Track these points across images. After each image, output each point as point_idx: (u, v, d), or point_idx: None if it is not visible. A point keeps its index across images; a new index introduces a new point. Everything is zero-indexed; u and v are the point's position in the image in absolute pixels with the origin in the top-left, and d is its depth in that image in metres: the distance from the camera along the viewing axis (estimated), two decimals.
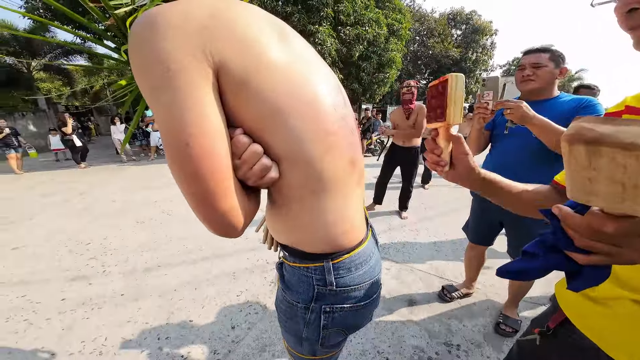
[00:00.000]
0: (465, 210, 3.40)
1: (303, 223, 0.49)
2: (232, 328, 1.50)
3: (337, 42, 8.03)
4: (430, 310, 1.67)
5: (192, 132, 0.33)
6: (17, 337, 1.33)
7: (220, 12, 0.36)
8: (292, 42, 0.44)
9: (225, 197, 0.38)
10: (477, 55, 15.69)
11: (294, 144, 0.42)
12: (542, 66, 1.15)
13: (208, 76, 0.34)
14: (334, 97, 0.48)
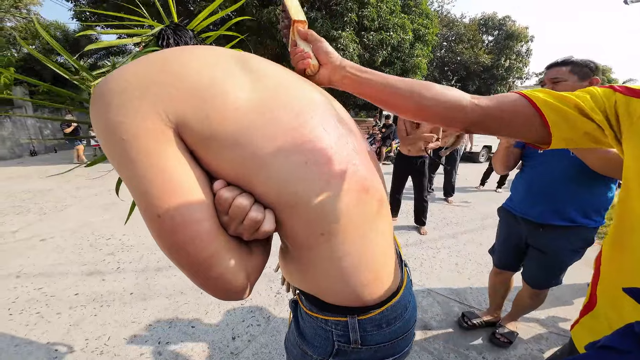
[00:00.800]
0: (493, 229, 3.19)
1: (318, 271, 0.42)
2: (232, 339, 1.45)
3: (360, 48, 7.98)
4: (446, 338, 1.52)
5: (159, 204, 0.30)
6: (27, 330, 1.38)
7: (169, 65, 0.33)
8: (262, 72, 0.40)
9: (214, 263, 0.33)
10: (510, 62, 14.83)
11: (284, 187, 0.36)
12: (562, 80, 1.09)
13: (168, 138, 0.31)
14: (324, 118, 0.42)
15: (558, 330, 1.62)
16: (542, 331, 1.61)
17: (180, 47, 0.39)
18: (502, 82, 15.24)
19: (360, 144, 0.47)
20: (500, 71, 14.67)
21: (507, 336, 1.48)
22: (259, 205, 0.36)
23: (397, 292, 0.47)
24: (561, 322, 1.70)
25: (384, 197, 0.48)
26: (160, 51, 0.36)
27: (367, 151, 0.49)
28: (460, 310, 1.75)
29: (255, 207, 0.35)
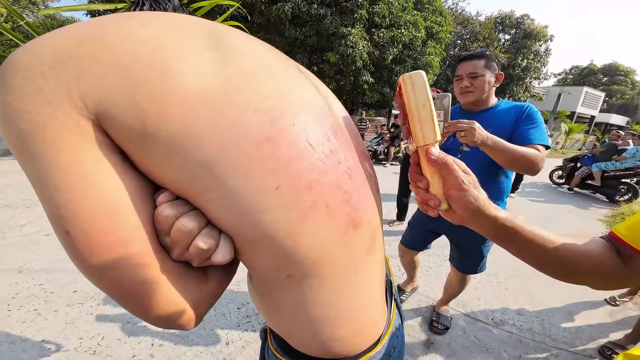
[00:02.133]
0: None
1: (283, 315, 0.35)
2: (226, 344, 1.42)
3: (370, 45, 7.84)
4: (450, 353, 1.45)
5: (68, 216, 0.23)
6: (24, 327, 1.39)
7: (102, 32, 0.24)
8: (237, 50, 0.30)
9: (146, 293, 0.26)
10: (527, 62, 14.26)
11: (242, 216, 0.28)
12: (479, 75, 1.11)
13: (84, 131, 0.23)
14: (312, 126, 0.32)
15: (568, 347, 1.53)
16: (550, 347, 1.52)
17: (134, 12, 0.30)
18: (519, 82, 14.70)
19: (358, 162, 0.38)
20: (517, 71, 14.13)
21: (443, 323, 1.61)
22: (211, 229, 0.29)
23: (378, 342, 0.39)
24: (570, 338, 1.60)
25: (378, 230, 0.39)
26: (96, 20, 0.27)
27: (366, 170, 0.40)
28: (465, 324, 1.67)
29: (204, 232, 0.28)
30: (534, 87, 16.38)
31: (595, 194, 5.34)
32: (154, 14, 0.29)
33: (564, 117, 17.09)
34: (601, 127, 23.07)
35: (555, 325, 1.71)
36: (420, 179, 0.38)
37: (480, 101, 1.17)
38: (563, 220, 3.90)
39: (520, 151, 0.98)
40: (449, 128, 0.96)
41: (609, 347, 1.51)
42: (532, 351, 1.48)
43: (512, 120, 1.11)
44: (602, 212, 4.37)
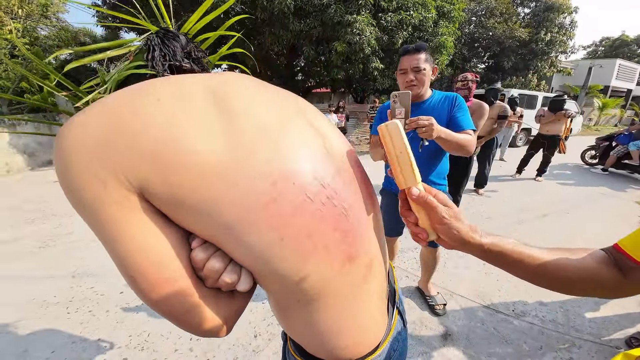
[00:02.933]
0: (531, 223, 2.98)
1: (296, 327, 0.44)
2: (254, 337, 1.55)
3: (378, 30, 7.59)
4: (467, 344, 1.48)
5: (131, 266, 0.31)
6: (82, 328, 1.59)
7: (125, 121, 0.31)
8: (241, 116, 0.36)
9: (191, 316, 0.35)
10: (552, 36, 13.09)
11: (256, 261, 0.36)
12: (421, 69, 1.22)
13: (133, 204, 0.31)
14: (311, 176, 0.37)
15: (593, 338, 1.51)
16: (574, 338, 1.51)
17: (141, 89, 0.35)
18: (544, 56, 13.59)
19: (357, 197, 0.43)
20: (541, 45, 13.01)
21: (440, 302, 1.74)
22: (234, 265, 0.37)
23: (379, 346, 0.46)
24: (597, 329, 1.57)
25: (376, 257, 0.45)
26: (116, 97, 0.33)
27: (365, 201, 0.45)
28: (484, 315, 1.69)
29: (229, 269, 0.36)
30: (560, 62, 15.11)
31: (634, 174, 4.96)
32: (160, 90, 0.35)
33: (596, 92, 15.69)
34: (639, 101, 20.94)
35: (581, 315, 1.68)
36: (409, 215, 0.43)
37: (421, 94, 1.30)
38: (595, 203, 3.66)
39: (461, 138, 1.17)
40: (410, 125, 1.04)
41: (637, 338, 1.47)
42: (555, 342, 1.48)
43: (447, 109, 1.29)
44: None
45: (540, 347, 1.45)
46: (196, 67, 0.53)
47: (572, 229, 2.88)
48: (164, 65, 0.48)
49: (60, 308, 1.75)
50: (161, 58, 0.49)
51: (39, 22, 9.83)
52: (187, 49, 0.53)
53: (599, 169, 5.49)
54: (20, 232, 2.83)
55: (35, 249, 2.50)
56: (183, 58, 0.51)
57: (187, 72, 0.52)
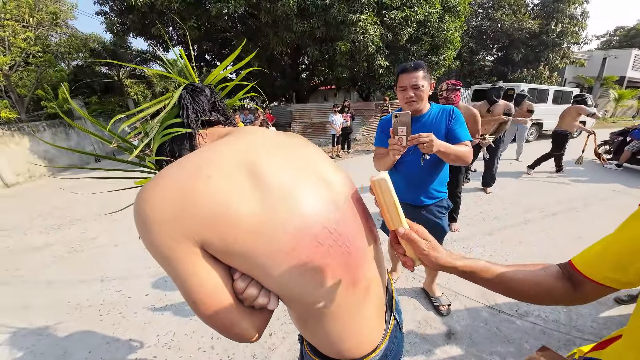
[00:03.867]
0: (538, 223, 2.99)
1: (311, 333, 0.56)
2: (269, 335, 1.67)
3: (382, 28, 7.56)
4: (470, 343, 1.56)
5: (193, 295, 0.43)
6: (114, 329, 1.75)
7: (188, 197, 0.42)
8: (268, 184, 0.46)
9: (234, 327, 0.46)
10: (563, 27, 12.67)
11: (282, 288, 0.48)
12: (420, 86, 1.28)
13: (196, 252, 0.42)
14: (321, 229, 0.48)
15: (594, 338, 1.55)
16: (575, 338, 1.56)
17: (193, 166, 0.45)
18: (555, 48, 13.17)
19: (359, 234, 0.55)
20: (552, 36, 12.62)
21: (444, 302, 1.83)
22: (265, 291, 0.48)
23: (377, 348, 0.58)
24: (598, 329, 1.62)
25: (374, 280, 0.57)
26: (177, 173, 0.44)
27: (365, 234, 0.57)
28: (488, 315, 1.75)
29: (262, 294, 0.48)
30: (573, 53, 14.60)
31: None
32: (210, 170, 0.45)
33: (611, 83, 15.13)
34: None
35: (584, 316, 1.72)
36: (399, 247, 0.55)
37: (420, 108, 1.37)
38: (607, 201, 3.59)
39: (459, 150, 1.26)
40: (412, 141, 1.12)
41: None
42: (556, 342, 1.53)
43: (445, 122, 1.37)
44: None
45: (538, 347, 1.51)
46: (221, 118, 0.64)
47: (580, 228, 2.85)
48: (197, 122, 0.58)
49: (93, 310, 1.92)
50: (194, 115, 0.57)
51: (50, 30, 10.07)
52: (212, 101, 0.62)
53: (613, 165, 5.37)
54: (51, 238, 3.04)
55: (66, 254, 2.70)
56: (210, 111, 0.61)
57: (213, 123, 0.62)
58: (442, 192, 1.55)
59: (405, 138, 1.11)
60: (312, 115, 9.36)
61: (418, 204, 1.54)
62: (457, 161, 1.27)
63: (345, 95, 14.20)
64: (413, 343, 1.58)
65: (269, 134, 0.59)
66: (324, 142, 8.93)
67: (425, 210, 1.55)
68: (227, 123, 0.65)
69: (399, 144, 1.13)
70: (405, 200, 1.55)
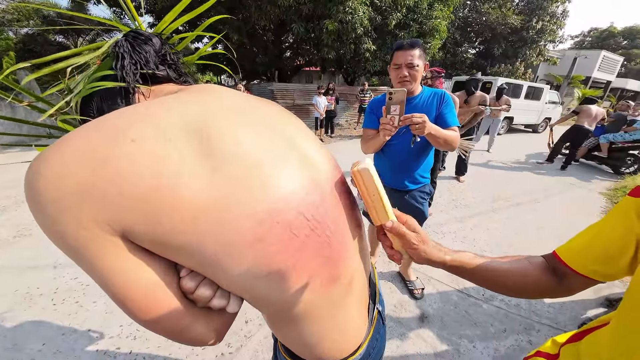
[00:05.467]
0: (504, 211, 3.17)
1: (285, 335, 0.48)
2: (245, 322, 1.62)
3: (371, 10, 7.32)
4: (441, 326, 1.63)
5: (122, 298, 0.32)
6: (70, 319, 1.59)
7: (107, 165, 0.29)
8: (226, 154, 0.35)
9: (185, 333, 0.37)
10: (543, 24, 13.13)
11: (244, 291, 0.38)
12: (415, 66, 1.22)
13: (117, 245, 0.31)
14: (296, 214, 0.38)
15: (550, 322, 1.69)
16: (534, 322, 1.69)
17: (112, 127, 0.32)
18: (532, 45, 13.70)
19: (341, 221, 0.45)
20: (531, 33, 13.05)
21: (418, 286, 1.89)
22: (222, 291, 0.39)
23: (359, 347, 0.51)
24: (554, 314, 1.76)
25: (357, 272, 0.49)
26: (86, 138, 0.31)
27: (348, 221, 0.47)
28: (457, 299, 1.84)
29: (218, 295, 0.38)
30: (548, 51, 15.30)
31: (601, 165, 5.30)
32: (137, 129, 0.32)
33: (578, 82, 16.19)
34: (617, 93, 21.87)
35: (541, 301, 1.85)
36: (385, 240, 0.50)
37: (413, 89, 1.32)
38: (564, 193, 3.93)
39: (448, 134, 1.23)
40: (405, 121, 1.07)
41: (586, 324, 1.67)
42: (517, 326, 1.64)
43: (436, 106, 1.33)
44: (604, 185, 4.38)
45: (504, 330, 1.62)
46: (172, 74, 0.50)
47: (541, 218, 3.09)
48: (135, 75, 0.45)
49: (45, 299, 1.73)
50: (132, 67, 0.45)
51: None
52: (161, 53, 0.49)
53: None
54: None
55: (11, 238, 2.40)
56: (157, 64, 0.48)
57: (162, 80, 0.49)
58: (426, 177, 1.55)
59: (397, 118, 1.04)
60: (295, 96, 9.03)
61: (402, 188, 1.52)
62: (445, 146, 1.25)
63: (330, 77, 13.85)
64: (388, 327, 1.62)
65: (235, 94, 0.47)
66: (307, 126, 8.72)
67: (409, 195, 1.53)
68: (180, 81, 0.52)
69: (390, 123, 1.06)
70: (389, 184, 1.53)
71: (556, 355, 0.55)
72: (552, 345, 0.58)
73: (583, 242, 0.46)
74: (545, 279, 0.47)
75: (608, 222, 0.44)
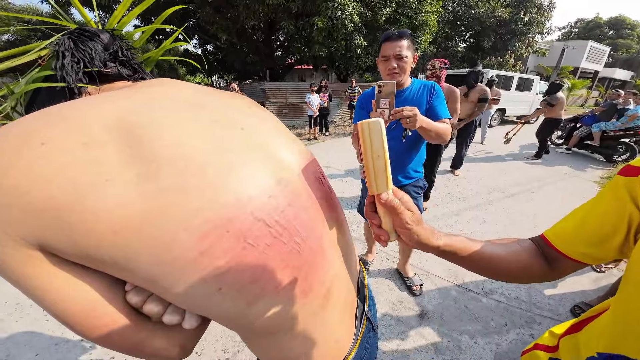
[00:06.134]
0: (499, 203, 3.18)
1: (260, 351, 0.44)
2: None
3: (360, 6, 7.28)
4: (441, 322, 1.61)
5: (60, 315, 0.29)
6: (62, 329, 1.52)
7: (6, 175, 0.25)
8: (161, 155, 0.30)
9: (142, 348, 0.34)
10: (531, 16, 13.21)
11: (196, 307, 0.34)
12: (404, 57, 1.19)
13: (38, 259, 0.27)
14: (253, 222, 0.33)
15: (552, 315, 1.69)
16: (535, 315, 1.68)
17: (22, 134, 0.28)
18: (521, 37, 13.77)
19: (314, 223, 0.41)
20: (520, 26, 13.12)
21: (417, 282, 1.87)
22: (175, 307, 0.35)
23: (347, 357, 0.47)
24: (555, 306, 1.76)
25: (334, 281, 0.44)
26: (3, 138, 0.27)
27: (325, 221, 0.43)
28: (457, 294, 1.83)
29: (170, 311, 0.35)
30: (536, 42, 15.43)
31: (593, 153, 5.35)
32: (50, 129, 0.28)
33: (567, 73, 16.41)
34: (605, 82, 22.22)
35: (541, 293, 1.84)
36: (374, 217, 0.44)
37: (402, 82, 1.29)
38: (558, 183, 3.95)
39: (439, 127, 1.20)
40: (395, 115, 1.03)
41: (579, 307, 1.67)
42: (518, 319, 1.63)
43: (426, 98, 1.30)
44: (598, 174, 4.42)
45: (505, 324, 1.60)
46: (125, 71, 0.47)
47: (536, 208, 3.11)
48: (77, 74, 0.41)
49: (36, 310, 1.67)
50: (74, 65, 0.41)
51: None
52: (111, 49, 0.46)
53: (563, 149, 5.88)
54: None
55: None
56: (105, 61, 0.45)
57: (113, 78, 0.45)
58: (419, 172, 1.53)
59: (388, 111, 1.00)
60: (288, 94, 8.96)
61: (395, 184, 1.48)
62: (436, 139, 1.22)
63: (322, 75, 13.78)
64: (388, 325, 1.60)
65: (188, 88, 0.42)
66: (301, 124, 8.66)
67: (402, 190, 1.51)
68: (135, 78, 0.48)
69: (381, 117, 1.04)
70: None
71: (555, 347, 0.53)
72: (550, 337, 0.56)
73: (572, 224, 0.44)
74: (536, 263, 0.46)
75: (598, 203, 0.42)
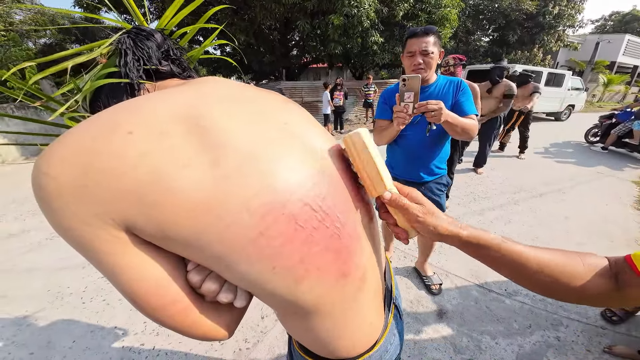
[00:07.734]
0: (526, 203, 3.04)
1: (296, 331, 0.47)
2: (261, 318, 1.64)
3: (377, 2, 7.18)
4: (461, 322, 1.58)
5: (132, 294, 0.33)
6: (98, 317, 1.68)
7: (99, 158, 0.29)
8: (226, 144, 0.34)
9: (195, 328, 0.38)
10: (560, 9, 12.37)
11: (251, 286, 0.37)
12: (430, 53, 1.19)
13: (122, 239, 0.31)
14: (302, 206, 0.36)
15: (580, 317, 1.61)
16: (561, 317, 1.61)
17: (108, 121, 0.32)
18: (550, 30, 12.95)
19: (350, 212, 0.43)
20: (548, 19, 12.32)
21: (436, 282, 1.83)
22: (229, 285, 0.39)
23: (375, 344, 0.50)
24: (584, 308, 1.67)
25: (369, 267, 0.47)
26: (84, 131, 0.31)
27: (358, 211, 0.46)
28: (478, 294, 1.78)
29: (225, 289, 0.38)
30: (567, 36, 14.45)
31: (633, 152, 4.95)
32: (132, 122, 0.32)
33: (602, 68, 15.23)
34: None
35: None
36: (388, 217, 0.46)
37: (428, 77, 1.29)
38: (591, 183, 3.70)
39: (466, 122, 1.19)
40: (420, 109, 1.03)
41: (611, 310, 1.57)
42: (543, 321, 1.57)
43: (452, 95, 1.29)
44: (637, 173, 4.10)
45: (529, 326, 1.55)
46: (176, 69, 0.51)
47: (567, 209, 2.93)
48: (138, 70, 0.45)
49: (75, 298, 1.83)
50: (135, 63, 0.45)
51: (12, 6, 9.18)
52: (163, 48, 0.50)
53: (598, 147, 5.49)
54: (27, 224, 2.87)
55: (44, 241, 2.55)
56: (160, 60, 0.49)
57: (166, 76, 0.49)
58: (442, 168, 1.51)
59: (412, 105, 1.01)
60: (304, 93, 9.04)
61: (417, 180, 1.48)
62: (462, 135, 1.20)
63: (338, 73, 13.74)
64: (405, 323, 1.59)
65: (234, 85, 0.46)
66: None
67: (424, 187, 1.49)
68: (184, 75, 0.52)
69: (404, 111, 1.03)
70: (403, 176, 1.51)
71: None
72: None
73: None
74: (599, 284, 0.39)
75: None
